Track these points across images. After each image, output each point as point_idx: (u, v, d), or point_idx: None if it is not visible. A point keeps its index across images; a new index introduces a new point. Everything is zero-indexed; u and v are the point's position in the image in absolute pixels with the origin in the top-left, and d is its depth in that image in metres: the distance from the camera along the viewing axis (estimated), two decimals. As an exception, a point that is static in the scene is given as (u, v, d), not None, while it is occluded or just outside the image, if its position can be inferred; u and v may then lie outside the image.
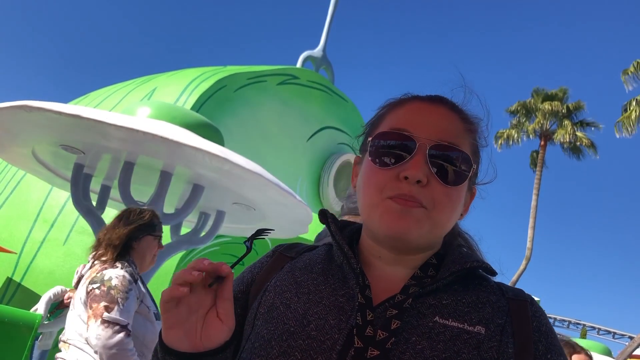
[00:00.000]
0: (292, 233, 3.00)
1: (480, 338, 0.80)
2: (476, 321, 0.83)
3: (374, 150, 0.90)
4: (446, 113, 0.93)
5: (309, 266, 0.95)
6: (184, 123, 2.92)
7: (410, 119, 0.91)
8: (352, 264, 0.88)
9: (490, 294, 0.88)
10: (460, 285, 0.88)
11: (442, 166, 0.87)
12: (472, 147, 0.93)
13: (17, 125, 1.84)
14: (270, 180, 1.79)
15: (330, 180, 10.87)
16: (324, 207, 7.81)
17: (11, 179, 8.64)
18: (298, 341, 0.81)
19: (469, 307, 0.85)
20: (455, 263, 0.88)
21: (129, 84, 10.05)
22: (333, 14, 12.01)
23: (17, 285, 7.36)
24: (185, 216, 2.45)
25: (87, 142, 1.74)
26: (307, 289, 0.89)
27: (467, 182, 0.91)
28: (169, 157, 1.85)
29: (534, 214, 22.77)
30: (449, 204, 0.88)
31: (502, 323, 0.84)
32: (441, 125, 0.90)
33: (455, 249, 0.93)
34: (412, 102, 0.95)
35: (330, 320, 0.83)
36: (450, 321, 0.82)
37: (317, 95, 11.07)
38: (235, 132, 8.48)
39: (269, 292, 0.92)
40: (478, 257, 0.93)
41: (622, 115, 21.66)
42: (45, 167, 2.65)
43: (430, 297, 0.85)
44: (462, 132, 0.92)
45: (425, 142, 0.87)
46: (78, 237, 7.55)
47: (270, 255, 1.05)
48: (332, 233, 0.95)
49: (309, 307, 0.86)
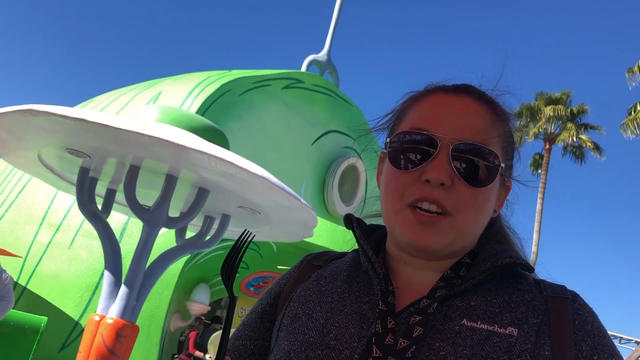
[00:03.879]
0: (297, 237, 2.99)
1: (512, 341, 0.72)
2: (508, 322, 0.75)
3: (394, 152, 0.84)
4: (472, 105, 0.85)
5: (335, 274, 0.90)
6: (189, 127, 2.91)
7: (432, 115, 0.84)
8: (376, 269, 0.83)
9: (526, 292, 0.80)
10: (493, 285, 0.80)
11: (467, 166, 0.79)
12: (503, 140, 0.85)
13: (22, 129, 1.84)
14: (276, 184, 1.78)
15: (335, 184, 10.86)
16: (328, 211, 7.83)
17: (17, 183, 8.67)
18: (316, 351, 0.77)
19: (500, 307, 0.77)
20: (487, 261, 0.80)
21: (135, 87, 10.08)
22: (338, 17, 12.03)
23: (23, 289, 7.37)
24: (190, 220, 2.44)
25: (93, 145, 1.73)
26: (331, 298, 0.85)
27: (497, 180, 0.83)
28: (174, 160, 1.84)
29: (539, 218, 22.70)
30: (475, 207, 0.80)
31: (538, 323, 0.75)
32: (466, 120, 0.82)
33: (487, 246, 0.85)
34: (435, 94, 0.88)
35: (351, 328, 0.78)
36: (479, 324, 0.74)
37: (322, 99, 11.07)
38: (240, 136, 8.49)
39: (294, 302, 0.89)
40: (513, 253, 0.84)
41: (627, 117, 21.66)
42: (51, 171, 2.65)
43: (459, 299, 0.78)
44: (491, 125, 0.84)
45: (448, 141, 0.80)
46: (83, 240, 7.56)
47: (298, 266, 1.02)
48: (357, 238, 0.89)
49: (331, 315, 0.81)
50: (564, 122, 24.61)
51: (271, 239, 3.09)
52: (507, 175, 0.90)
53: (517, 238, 0.96)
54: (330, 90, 11.26)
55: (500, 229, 0.95)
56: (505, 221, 0.96)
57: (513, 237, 0.96)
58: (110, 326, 1.60)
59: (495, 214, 0.89)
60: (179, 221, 1.15)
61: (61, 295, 7.19)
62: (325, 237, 7.44)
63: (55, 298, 7.17)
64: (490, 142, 0.82)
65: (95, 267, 7.30)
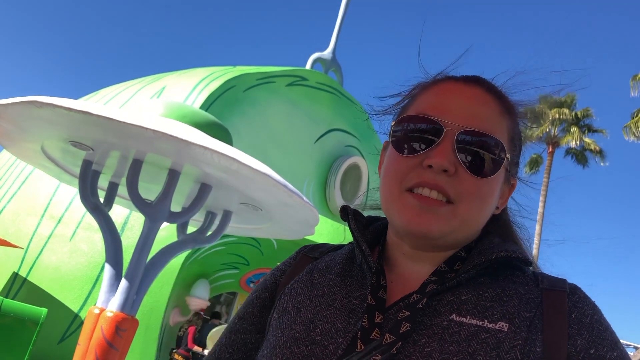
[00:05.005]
0: (299, 235, 3.00)
1: (501, 337, 0.69)
2: (498, 317, 0.72)
3: (397, 136, 0.82)
4: (481, 95, 0.83)
5: (329, 267, 0.88)
6: (193, 122, 2.92)
7: (439, 102, 0.82)
8: (369, 263, 0.81)
9: (521, 285, 0.77)
10: (488, 278, 0.78)
11: (472, 155, 0.77)
12: (511, 133, 0.84)
13: (26, 120, 1.84)
14: (279, 182, 1.78)
15: (337, 183, 10.86)
16: (330, 209, 7.79)
17: (19, 174, 8.69)
18: (301, 347, 0.75)
19: (492, 301, 0.74)
20: (481, 254, 0.78)
21: (139, 81, 10.09)
22: (344, 16, 12.01)
23: (23, 280, 7.39)
24: (192, 215, 2.45)
25: (97, 138, 1.73)
26: (322, 291, 0.82)
27: (502, 173, 0.81)
28: (177, 155, 1.84)
29: (541, 220, 22.68)
30: (479, 197, 0.78)
31: (530, 317, 0.72)
32: (474, 109, 0.80)
33: (486, 239, 0.83)
34: (444, 83, 0.86)
35: (338, 323, 0.76)
36: (468, 318, 0.72)
37: (326, 98, 11.06)
38: (243, 132, 8.49)
39: (285, 295, 0.87)
40: (511, 246, 0.81)
41: (630, 120, 21.73)
42: (54, 163, 2.66)
43: (450, 293, 0.76)
44: (498, 117, 0.82)
45: (454, 127, 0.78)
46: (84, 233, 7.58)
47: (294, 257, 0.99)
48: (351, 230, 0.87)
49: (319, 310, 0.79)
50: (568, 125, 24.57)
51: (272, 236, 3.08)
52: (513, 171, 0.88)
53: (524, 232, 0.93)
54: (334, 88, 11.26)
55: (505, 224, 0.93)
56: (512, 217, 0.94)
57: (519, 232, 0.93)
58: (110, 319, 1.62)
59: (498, 210, 0.87)
60: (181, 216, 1.14)
61: (61, 287, 7.21)
62: (326, 235, 7.43)
63: (55, 290, 7.19)
64: (498, 133, 0.81)
65: (96, 260, 7.31)
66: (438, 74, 0.89)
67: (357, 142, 11.61)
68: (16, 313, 5.26)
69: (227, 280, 8.84)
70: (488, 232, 0.86)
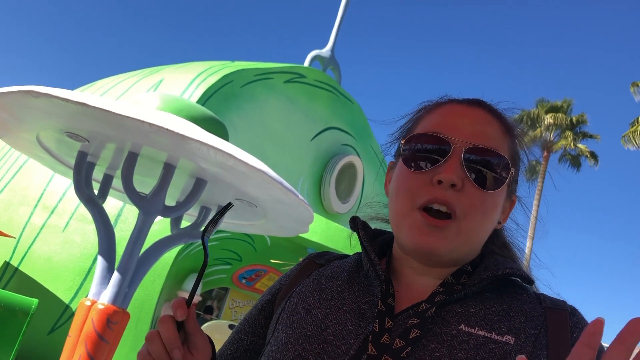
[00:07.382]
0: (293, 232, 3.00)
1: (507, 348, 0.73)
2: (505, 330, 0.76)
3: (407, 154, 0.86)
4: (484, 116, 0.88)
5: (335, 274, 0.92)
6: (190, 116, 2.92)
7: (446, 122, 0.87)
8: (377, 272, 0.85)
9: (525, 303, 0.82)
10: (493, 294, 0.82)
11: (478, 170, 0.82)
12: (511, 152, 0.89)
13: (22, 110, 1.83)
14: (274, 178, 1.78)
15: (332, 181, 10.86)
16: (324, 208, 7.82)
17: (13, 164, 8.65)
18: (313, 345, 0.79)
19: (498, 315, 0.78)
20: (488, 270, 0.82)
21: (136, 74, 10.05)
22: (343, 14, 12.00)
23: (15, 269, 7.37)
24: (186, 209, 2.45)
25: (93, 130, 1.73)
26: (330, 295, 0.87)
27: (505, 188, 0.86)
28: (173, 149, 1.84)
29: (534, 223, 22.79)
30: (483, 210, 0.82)
31: (536, 333, 0.77)
32: (478, 128, 0.86)
33: (490, 257, 0.88)
34: (448, 105, 0.91)
35: (349, 326, 0.80)
36: (477, 330, 0.76)
37: (323, 96, 11.05)
38: (239, 128, 8.48)
39: (294, 297, 0.91)
40: (514, 265, 0.86)
41: (629, 129, 21.80)
42: (49, 153, 2.65)
43: (457, 305, 0.80)
44: (501, 136, 0.87)
45: (461, 144, 0.82)
46: (77, 224, 7.55)
47: (300, 263, 1.03)
48: (360, 240, 0.91)
49: (329, 312, 0.83)
50: (563, 130, 24.66)
51: (267, 232, 3.08)
52: (513, 188, 0.93)
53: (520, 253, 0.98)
54: (332, 86, 11.25)
55: (504, 243, 0.98)
56: (510, 236, 0.99)
57: (516, 252, 0.98)
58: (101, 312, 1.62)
59: (500, 225, 0.92)
60: (175, 210, 1.14)
61: (53, 278, 7.18)
62: (320, 233, 7.44)
63: (46, 280, 7.17)
64: (501, 150, 0.86)
65: (89, 252, 7.29)
66: (441, 97, 0.94)
67: (354, 141, 11.62)
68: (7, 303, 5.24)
69: (220, 276, 8.84)
70: (492, 251, 0.91)
